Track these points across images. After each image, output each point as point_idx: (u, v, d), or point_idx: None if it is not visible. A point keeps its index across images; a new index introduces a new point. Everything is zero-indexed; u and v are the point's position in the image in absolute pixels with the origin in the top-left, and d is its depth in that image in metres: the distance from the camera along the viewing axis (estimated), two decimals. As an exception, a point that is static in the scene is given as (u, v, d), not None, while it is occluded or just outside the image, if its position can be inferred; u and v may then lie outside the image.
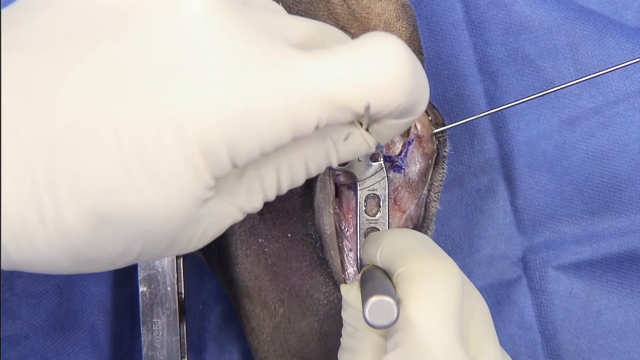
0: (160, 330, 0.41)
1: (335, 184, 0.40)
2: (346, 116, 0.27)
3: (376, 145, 0.30)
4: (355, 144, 0.30)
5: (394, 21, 0.39)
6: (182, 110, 0.24)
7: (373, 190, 0.40)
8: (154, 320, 0.41)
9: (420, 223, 0.41)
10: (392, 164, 0.41)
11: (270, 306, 0.42)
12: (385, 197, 0.40)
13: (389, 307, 0.28)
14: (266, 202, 0.30)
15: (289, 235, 0.41)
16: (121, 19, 0.25)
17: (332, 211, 0.40)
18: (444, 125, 0.40)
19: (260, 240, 0.41)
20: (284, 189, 0.30)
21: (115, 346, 0.45)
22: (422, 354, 0.28)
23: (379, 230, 0.40)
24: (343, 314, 0.34)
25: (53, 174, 0.24)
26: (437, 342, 0.28)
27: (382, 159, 0.39)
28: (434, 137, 0.40)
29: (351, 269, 0.40)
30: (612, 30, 0.46)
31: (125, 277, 0.45)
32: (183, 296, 0.42)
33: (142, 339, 0.41)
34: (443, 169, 0.41)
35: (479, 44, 0.47)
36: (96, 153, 0.24)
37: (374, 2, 0.39)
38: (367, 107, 0.26)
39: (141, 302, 0.41)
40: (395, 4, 0.39)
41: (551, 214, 0.47)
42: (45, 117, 0.24)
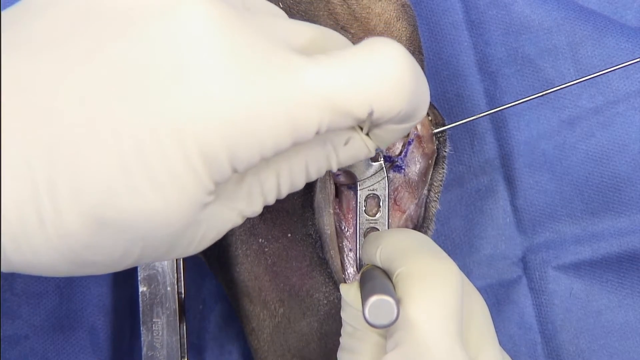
0: (160, 330, 0.41)
1: (335, 184, 0.40)
2: (347, 122, 0.27)
3: (376, 149, 0.30)
4: (355, 148, 0.30)
5: (394, 21, 0.39)
6: (183, 114, 0.24)
7: (373, 190, 0.40)
8: (154, 320, 0.41)
9: (420, 223, 0.41)
10: (392, 164, 0.41)
11: (270, 306, 0.42)
12: (385, 197, 0.40)
13: (389, 306, 0.28)
14: (266, 203, 0.30)
15: (289, 235, 0.41)
16: (122, 21, 0.25)
17: (332, 211, 0.40)
18: (444, 125, 0.40)
19: (260, 240, 0.41)
20: (284, 193, 0.30)
21: (115, 346, 0.45)
22: (422, 353, 0.28)
23: (378, 230, 0.40)
24: (342, 314, 0.34)
25: (53, 175, 0.24)
26: (437, 342, 0.28)
27: (382, 159, 0.39)
28: (434, 137, 0.40)
29: (351, 269, 0.40)
30: (612, 30, 0.46)
31: (125, 277, 0.45)
32: (183, 296, 0.42)
33: (142, 339, 0.41)
34: (443, 169, 0.41)
35: (479, 44, 0.47)
36: (96, 155, 0.24)
37: (374, 2, 0.39)
38: (370, 113, 0.26)
39: (141, 302, 0.41)
40: (395, 4, 0.39)
41: (551, 214, 0.47)
42: (45, 118, 0.24)
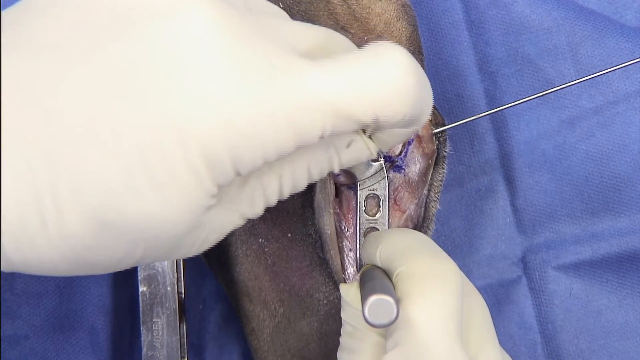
0: (160, 330, 0.41)
1: (335, 184, 0.40)
2: (351, 126, 0.27)
3: (378, 152, 0.31)
4: (357, 150, 0.30)
5: (394, 21, 0.39)
6: (184, 115, 0.24)
7: (373, 190, 0.40)
8: (154, 320, 0.41)
9: (420, 223, 0.41)
10: (392, 164, 0.41)
11: (270, 306, 0.42)
12: (385, 197, 0.40)
13: (389, 306, 0.28)
14: (266, 204, 0.30)
15: (289, 235, 0.41)
16: (122, 21, 0.25)
17: (332, 211, 0.39)
18: (444, 125, 0.40)
19: (260, 240, 0.41)
20: (286, 195, 0.30)
21: (115, 346, 0.45)
22: (422, 353, 0.28)
23: (378, 230, 0.40)
24: (342, 314, 0.34)
25: (54, 176, 0.24)
26: (436, 342, 0.28)
27: (382, 159, 0.39)
28: (434, 137, 0.40)
29: (351, 269, 0.40)
30: (612, 30, 0.46)
31: (125, 277, 0.45)
32: (183, 296, 0.42)
33: (142, 338, 0.41)
34: (443, 169, 0.41)
35: (479, 44, 0.47)
36: (96, 156, 0.24)
37: (374, 2, 0.39)
38: (375, 119, 0.26)
39: (141, 302, 0.41)
40: (395, 4, 0.39)
41: (551, 214, 0.47)
42: (45, 118, 0.24)
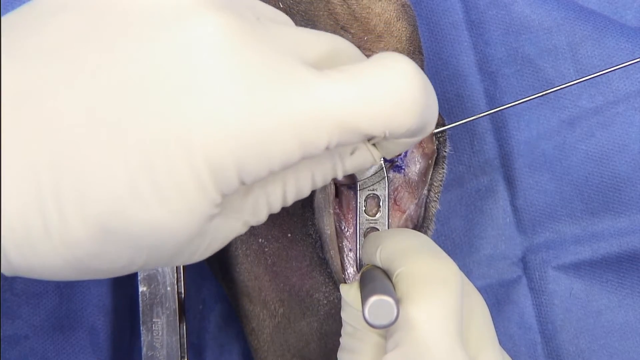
0: (160, 330, 0.41)
1: (335, 184, 0.40)
2: (357, 138, 0.27)
3: (381, 159, 0.31)
4: (361, 157, 0.30)
5: (394, 21, 0.39)
6: (191, 126, 0.24)
7: (373, 190, 0.40)
8: (153, 320, 0.41)
9: (420, 223, 0.41)
10: (392, 164, 0.41)
11: (270, 306, 0.42)
12: (385, 197, 0.40)
13: (389, 306, 0.28)
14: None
15: (289, 235, 0.41)
16: (131, 30, 0.25)
17: (332, 211, 0.39)
18: (444, 125, 0.40)
19: (260, 240, 0.41)
20: (290, 202, 0.30)
21: (115, 346, 0.45)
22: (422, 354, 0.28)
23: (378, 230, 0.40)
24: (342, 314, 0.34)
25: (58, 183, 0.24)
26: (437, 342, 0.28)
27: (382, 159, 0.39)
28: (434, 137, 0.40)
29: (351, 269, 0.40)
30: (612, 30, 0.46)
31: (125, 277, 0.45)
32: (183, 296, 0.42)
33: (142, 338, 0.41)
34: (443, 169, 0.41)
35: (479, 44, 0.47)
36: (102, 164, 0.24)
37: (374, 2, 0.39)
38: (382, 131, 0.26)
39: (141, 302, 0.41)
40: (395, 4, 0.39)
41: (551, 214, 0.47)
42: (51, 126, 0.24)
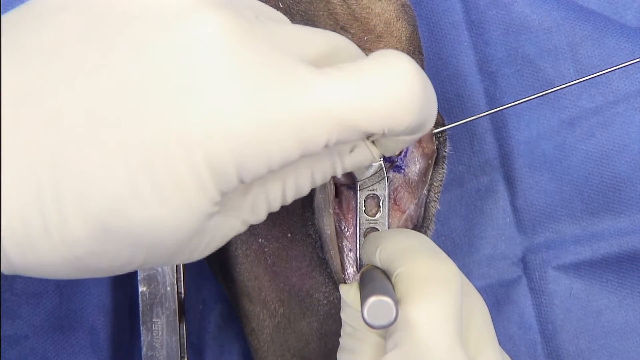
0: (160, 330, 0.41)
1: (335, 184, 0.40)
2: (356, 136, 0.27)
3: (380, 156, 0.31)
4: (360, 155, 0.30)
5: (394, 21, 0.39)
6: (191, 125, 0.24)
7: (373, 190, 0.40)
8: (153, 320, 0.41)
9: (420, 223, 0.41)
10: (392, 164, 0.41)
11: (270, 306, 0.42)
12: (385, 197, 0.40)
13: (388, 307, 0.28)
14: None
15: (289, 235, 0.41)
16: (131, 31, 0.25)
17: (332, 211, 0.39)
18: (444, 125, 0.40)
19: (260, 240, 0.41)
20: (289, 201, 0.30)
21: (115, 346, 0.45)
22: (422, 354, 0.28)
23: (378, 230, 0.40)
24: (342, 314, 0.34)
25: (58, 182, 0.24)
26: (436, 342, 0.28)
27: (381, 159, 0.39)
28: (434, 137, 0.40)
29: (351, 269, 0.40)
30: (612, 30, 0.46)
31: (125, 277, 0.45)
32: (183, 296, 0.42)
33: (142, 338, 0.41)
34: (443, 169, 0.41)
35: (479, 44, 0.47)
36: (102, 163, 0.24)
37: (374, 2, 0.39)
38: (381, 129, 0.26)
39: (141, 302, 0.41)
40: (395, 4, 0.39)
41: (551, 214, 0.47)
42: (51, 125, 0.24)
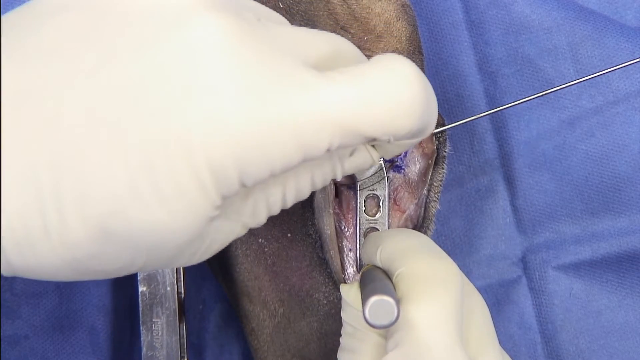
0: (159, 330, 0.41)
1: (335, 184, 0.40)
2: (358, 141, 0.27)
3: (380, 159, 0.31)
4: (360, 158, 0.30)
5: (394, 21, 0.39)
6: (192, 128, 0.24)
7: (373, 190, 0.40)
8: (153, 320, 0.41)
9: (420, 223, 0.41)
10: (392, 164, 0.41)
11: (270, 306, 0.42)
12: (385, 197, 0.40)
13: (389, 306, 0.28)
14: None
15: (289, 235, 0.41)
16: (132, 32, 0.25)
17: (332, 211, 0.39)
18: (444, 125, 0.40)
19: (260, 240, 0.41)
20: (289, 204, 0.30)
21: (115, 346, 0.45)
22: (422, 353, 0.28)
23: (378, 230, 0.40)
24: (343, 314, 0.34)
25: (58, 184, 0.24)
26: (437, 342, 0.28)
27: (382, 159, 0.39)
28: (434, 137, 0.40)
29: (351, 269, 0.40)
30: (612, 30, 0.46)
31: (125, 277, 0.45)
32: (183, 296, 0.42)
33: (142, 338, 0.41)
34: (443, 169, 0.41)
35: (479, 44, 0.47)
36: (102, 165, 0.24)
37: (374, 2, 0.39)
38: (383, 134, 0.26)
39: (141, 302, 0.41)
40: (395, 4, 0.39)
41: (551, 214, 0.47)
42: (51, 127, 0.24)
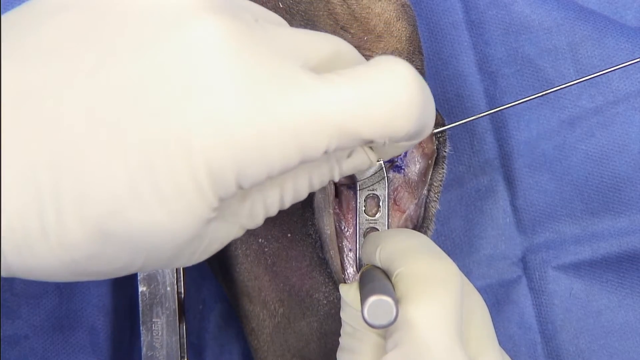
0: (159, 330, 0.41)
1: (335, 184, 0.40)
2: (356, 143, 0.27)
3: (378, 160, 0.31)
4: (358, 160, 0.30)
5: (394, 21, 0.39)
6: (191, 129, 0.24)
7: (373, 190, 0.40)
8: (153, 320, 0.41)
9: (420, 223, 0.41)
10: (392, 164, 0.41)
11: (270, 306, 0.42)
12: (385, 197, 0.40)
13: (388, 306, 0.28)
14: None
15: (289, 235, 0.41)
16: (132, 32, 0.25)
17: (332, 211, 0.39)
18: (444, 125, 0.40)
19: (260, 240, 0.41)
20: (287, 205, 0.30)
21: (115, 346, 0.45)
22: (422, 353, 0.28)
23: (378, 230, 0.40)
24: (342, 314, 0.34)
25: (57, 185, 0.24)
26: (436, 342, 0.28)
27: (381, 159, 0.39)
28: (434, 137, 0.40)
29: (351, 269, 0.40)
30: (612, 30, 0.46)
31: (125, 277, 0.45)
32: (183, 296, 0.42)
33: (142, 338, 0.41)
34: (443, 169, 0.41)
35: (479, 44, 0.47)
36: (101, 166, 0.24)
37: (374, 2, 0.39)
38: (380, 136, 0.26)
39: (141, 301, 0.41)
40: (395, 4, 0.39)
41: (551, 214, 0.47)
42: (50, 127, 0.24)
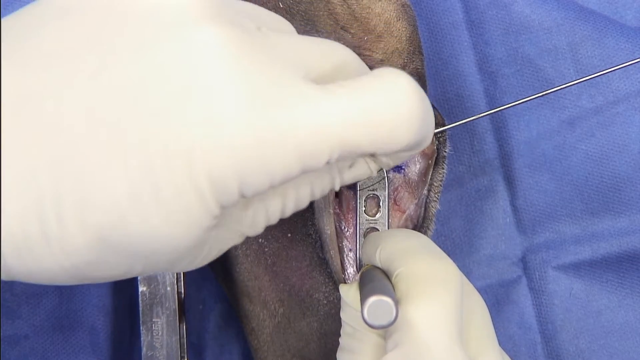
0: (160, 330, 0.41)
1: (335, 184, 0.40)
2: (357, 154, 0.27)
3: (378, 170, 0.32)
4: (360, 170, 0.31)
5: (394, 21, 0.39)
6: (192, 136, 0.24)
7: (373, 190, 0.40)
8: (153, 320, 0.41)
9: (420, 223, 0.41)
10: (392, 164, 0.41)
11: (270, 306, 0.42)
12: (385, 197, 0.40)
13: (388, 307, 0.28)
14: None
15: (289, 235, 0.41)
16: (134, 38, 0.25)
17: (332, 211, 0.40)
18: (444, 125, 0.40)
19: (260, 240, 0.41)
20: (288, 214, 0.30)
21: (115, 346, 0.45)
22: (422, 353, 0.28)
23: (378, 230, 0.40)
24: (342, 314, 0.34)
25: (58, 190, 0.24)
26: (436, 342, 0.28)
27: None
28: (434, 137, 0.40)
29: (351, 269, 0.40)
30: (612, 30, 0.46)
31: (125, 277, 0.45)
32: (183, 296, 0.42)
33: (142, 338, 0.41)
34: (443, 169, 0.41)
35: (479, 44, 0.47)
36: (102, 172, 0.24)
37: (374, 2, 0.39)
38: (381, 148, 0.27)
39: (141, 301, 0.41)
40: (395, 4, 0.39)
41: (551, 214, 0.47)
42: (51, 131, 0.24)
